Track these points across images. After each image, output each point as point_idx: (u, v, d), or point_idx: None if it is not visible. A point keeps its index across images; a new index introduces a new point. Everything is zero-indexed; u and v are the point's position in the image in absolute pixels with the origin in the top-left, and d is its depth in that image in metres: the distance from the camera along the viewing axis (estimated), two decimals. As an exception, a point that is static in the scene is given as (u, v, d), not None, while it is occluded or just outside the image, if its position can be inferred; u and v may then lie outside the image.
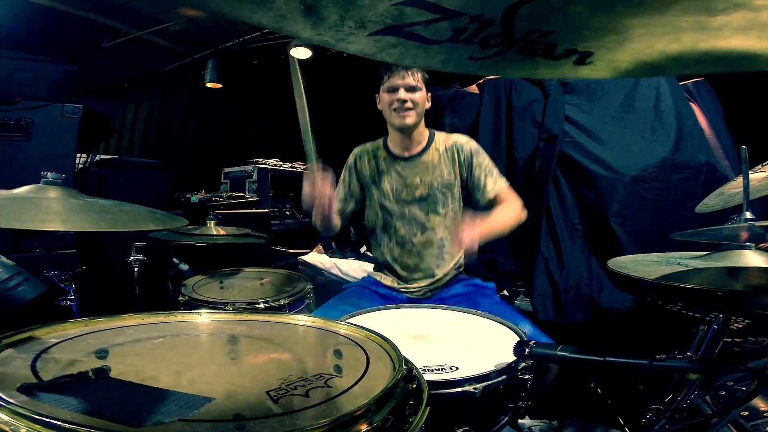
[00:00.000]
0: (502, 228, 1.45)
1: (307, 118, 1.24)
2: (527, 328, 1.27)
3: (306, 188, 1.37)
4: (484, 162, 1.61)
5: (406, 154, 1.63)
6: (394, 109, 1.55)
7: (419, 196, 1.60)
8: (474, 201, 1.63)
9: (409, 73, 1.53)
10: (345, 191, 1.71)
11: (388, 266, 1.67)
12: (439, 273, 1.61)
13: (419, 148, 1.63)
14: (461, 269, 1.68)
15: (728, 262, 0.86)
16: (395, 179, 1.63)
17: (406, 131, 1.59)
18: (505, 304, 1.58)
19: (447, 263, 1.62)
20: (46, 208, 0.93)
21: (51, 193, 0.99)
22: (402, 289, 1.63)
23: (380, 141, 1.70)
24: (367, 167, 1.68)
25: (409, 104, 1.54)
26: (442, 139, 1.65)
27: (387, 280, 1.66)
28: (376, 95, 1.63)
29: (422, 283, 1.62)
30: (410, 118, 1.55)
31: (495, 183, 1.59)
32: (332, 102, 4.81)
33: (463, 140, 1.64)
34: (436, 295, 1.61)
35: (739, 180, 1.02)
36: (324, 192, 1.36)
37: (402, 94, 1.53)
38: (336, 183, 1.54)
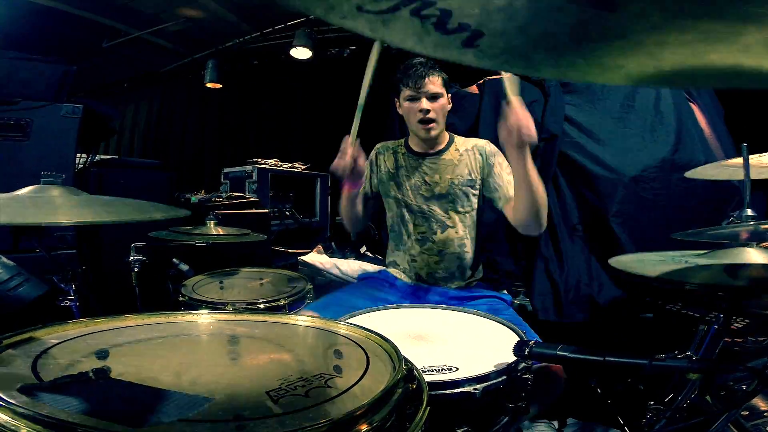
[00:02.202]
0: (535, 182, 1.27)
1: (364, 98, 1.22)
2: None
3: (339, 159, 1.32)
4: (504, 162, 1.54)
5: (427, 152, 1.63)
6: (419, 121, 1.52)
7: (438, 193, 1.58)
8: (494, 203, 1.57)
9: (430, 79, 1.49)
10: (367, 185, 1.69)
11: (406, 265, 1.66)
12: (458, 274, 1.61)
13: (440, 147, 1.62)
14: (480, 275, 1.68)
15: (730, 259, 0.86)
16: (415, 176, 1.61)
17: (430, 139, 1.59)
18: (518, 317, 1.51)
19: (466, 263, 1.61)
20: (49, 203, 0.94)
21: (53, 191, 0.99)
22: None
23: (402, 140, 1.70)
24: (386, 163, 1.67)
25: (432, 114, 1.50)
26: (461, 141, 1.64)
27: (406, 280, 1.65)
28: (396, 99, 1.61)
29: (441, 286, 1.61)
30: (434, 131, 1.54)
31: None
32: (332, 102, 4.81)
33: (483, 143, 1.63)
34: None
35: (738, 159, 1.01)
36: (350, 161, 1.31)
37: (425, 104, 1.49)
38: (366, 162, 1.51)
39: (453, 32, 0.31)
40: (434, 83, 1.49)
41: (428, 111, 1.50)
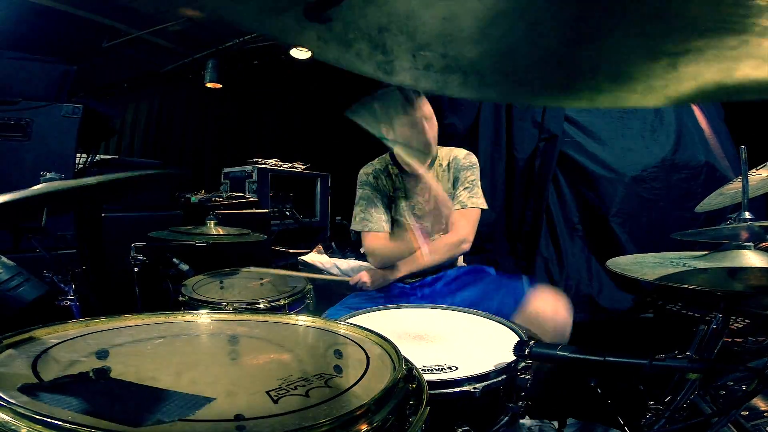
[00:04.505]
0: (416, 267, 1.55)
1: None
2: (526, 282, 1.35)
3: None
4: (470, 177, 1.61)
5: (416, 171, 1.63)
6: (424, 144, 1.54)
7: (428, 211, 1.61)
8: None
9: (423, 100, 1.52)
10: (384, 210, 1.67)
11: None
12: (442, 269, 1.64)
13: (425, 166, 1.64)
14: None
15: (728, 262, 0.86)
16: (409, 195, 1.66)
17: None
18: (502, 274, 1.62)
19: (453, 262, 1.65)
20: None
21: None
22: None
23: (386, 157, 1.71)
24: (386, 185, 1.70)
25: (432, 136, 1.55)
26: (444, 154, 1.66)
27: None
28: (385, 128, 1.61)
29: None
30: (434, 148, 1.58)
31: (464, 197, 1.57)
32: (332, 102, 4.81)
33: (461, 155, 1.64)
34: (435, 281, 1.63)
35: (738, 181, 1.02)
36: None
37: (427, 127, 1.52)
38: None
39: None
40: (426, 103, 1.53)
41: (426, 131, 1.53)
